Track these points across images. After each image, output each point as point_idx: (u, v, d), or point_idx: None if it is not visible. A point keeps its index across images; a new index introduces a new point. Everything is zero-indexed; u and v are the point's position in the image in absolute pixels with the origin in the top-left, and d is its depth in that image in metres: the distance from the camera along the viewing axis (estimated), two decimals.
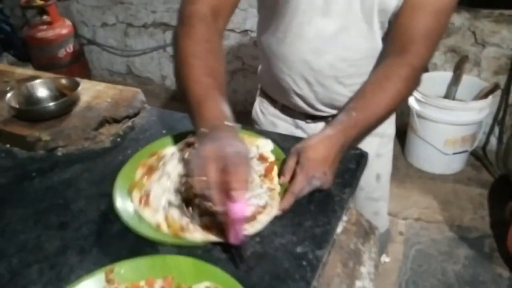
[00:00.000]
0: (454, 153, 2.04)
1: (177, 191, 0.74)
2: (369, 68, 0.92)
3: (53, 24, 2.76)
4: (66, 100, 0.94)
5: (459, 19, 2.02)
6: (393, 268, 1.74)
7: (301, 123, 1.06)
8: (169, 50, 2.74)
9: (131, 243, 0.66)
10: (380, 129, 1.01)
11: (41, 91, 0.99)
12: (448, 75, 2.09)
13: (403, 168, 2.22)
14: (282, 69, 0.96)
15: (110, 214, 0.72)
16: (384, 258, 1.75)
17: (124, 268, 0.61)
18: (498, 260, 1.72)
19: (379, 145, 1.12)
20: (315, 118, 1.04)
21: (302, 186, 0.70)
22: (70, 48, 2.85)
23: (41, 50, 2.78)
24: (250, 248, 0.64)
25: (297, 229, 0.67)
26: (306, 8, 0.85)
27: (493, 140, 2.19)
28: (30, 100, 0.97)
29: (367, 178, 1.10)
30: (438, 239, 1.86)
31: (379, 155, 1.13)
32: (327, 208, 0.71)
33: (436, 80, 2.11)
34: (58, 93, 1.00)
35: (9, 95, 0.94)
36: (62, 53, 2.82)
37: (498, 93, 2.05)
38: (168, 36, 2.69)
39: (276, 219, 0.68)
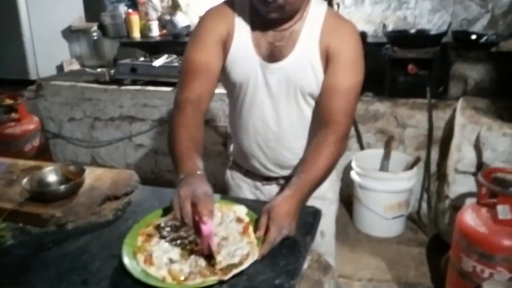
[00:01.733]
0: (393, 218, 2.35)
1: (175, 250, 0.94)
2: (302, 134, 1.24)
3: (21, 120, 2.93)
4: (74, 183, 1.14)
5: (383, 107, 2.47)
6: None
7: (258, 184, 1.35)
8: (135, 139, 2.98)
9: None
10: (321, 193, 1.31)
11: (51, 176, 1.18)
12: (380, 152, 2.49)
13: (353, 234, 2.48)
14: (243, 138, 1.29)
15: (123, 270, 0.89)
16: None
17: None
18: None
19: (321, 206, 1.29)
20: (269, 180, 1.33)
21: (275, 236, 0.93)
22: (36, 142, 2.99)
23: (8, 145, 2.89)
24: (241, 284, 0.85)
25: (274, 267, 0.89)
26: (252, 91, 1.20)
27: (424, 206, 2.54)
28: (40, 184, 1.15)
29: None
30: None
31: (322, 214, 1.34)
32: (295, 251, 0.94)
33: (371, 156, 2.49)
34: (64, 178, 1.19)
35: (24, 181, 1.12)
36: (28, 147, 2.94)
37: (422, 165, 2.45)
38: (134, 127, 2.95)
39: (258, 261, 0.90)
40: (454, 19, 2.88)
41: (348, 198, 2.61)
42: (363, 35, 2.68)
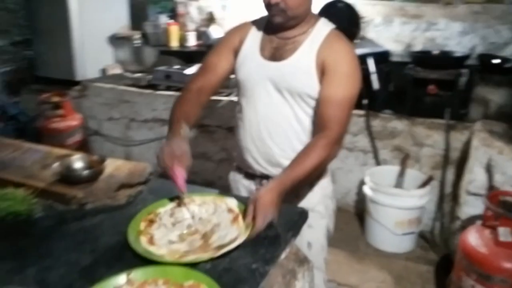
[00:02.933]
0: (403, 234, 2.39)
1: (174, 233, 1.08)
2: (293, 133, 1.37)
3: (66, 117, 3.22)
4: (96, 170, 1.31)
5: (400, 125, 2.53)
6: None
7: (253, 188, 1.46)
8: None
9: (143, 262, 0.98)
10: (310, 205, 1.40)
11: (77, 163, 1.36)
12: (395, 168, 2.54)
13: (363, 247, 2.53)
14: (240, 132, 1.45)
15: (127, 245, 1.04)
16: None
17: (138, 273, 0.92)
18: None
19: (310, 218, 1.34)
20: (262, 179, 1.44)
21: (261, 223, 1.06)
22: (77, 137, 3.27)
23: (52, 138, 3.16)
24: (222, 265, 0.97)
25: (254, 254, 1.00)
26: (251, 86, 1.38)
27: (438, 225, 2.55)
28: (68, 169, 1.34)
29: (300, 245, 1.33)
30: None
31: (310, 226, 1.38)
32: (275, 243, 1.05)
33: (386, 172, 2.55)
34: (88, 166, 1.37)
35: (55, 165, 1.31)
36: (70, 141, 3.22)
37: (437, 184, 2.47)
38: (165, 129, 3.12)
39: (241, 248, 1.02)
40: (484, 43, 2.89)
41: (360, 212, 2.67)
42: (385, 54, 2.76)
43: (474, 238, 1.79)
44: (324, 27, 1.36)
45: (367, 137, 2.61)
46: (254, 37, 1.40)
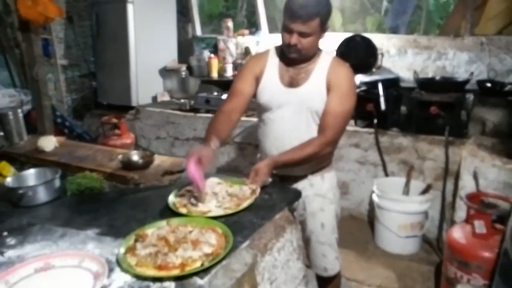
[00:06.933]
0: (407, 237, 2.68)
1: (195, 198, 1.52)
2: (305, 139, 1.70)
3: (122, 135, 3.81)
4: (147, 160, 1.80)
5: (406, 141, 2.87)
6: None
7: None
8: None
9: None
10: (322, 192, 1.81)
11: (134, 156, 1.85)
12: (401, 179, 2.85)
13: (372, 248, 2.84)
14: (266, 144, 1.83)
15: (168, 208, 1.49)
16: None
17: (174, 220, 1.36)
18: None
19: (322, 203, 1.82)
20: (283, 180, 1.82)
21: (260, 183, 1.53)
22: None
23: None
24: (232, 219, 1.40)
25: (255, 214, 1.42)
26: (275, 108, 1.74)
27: (441, 231, 2.81)
28: (128, 160, 1.83)
29: (315, 226, 1.83)
30: None
31: (322, 210, 1.82)
32: (272, 208, 1.47)
33: (394, 183, 2.87)
34: (142, 158, 1.85)
35: (119, 157, 1.81)
36: None
37: (439, 194, 2.76)
38: None
39: (247, 210, 1.44)
40: (489, 70, 3.20)
41: (373, 220, 2.99)
42: (395, 80, 3.13)
43: (457, 232, 2.08)
44: (327, 56, 1.74)
45: (376, 152, 2.96)
46: (273, 66, 1.75)
